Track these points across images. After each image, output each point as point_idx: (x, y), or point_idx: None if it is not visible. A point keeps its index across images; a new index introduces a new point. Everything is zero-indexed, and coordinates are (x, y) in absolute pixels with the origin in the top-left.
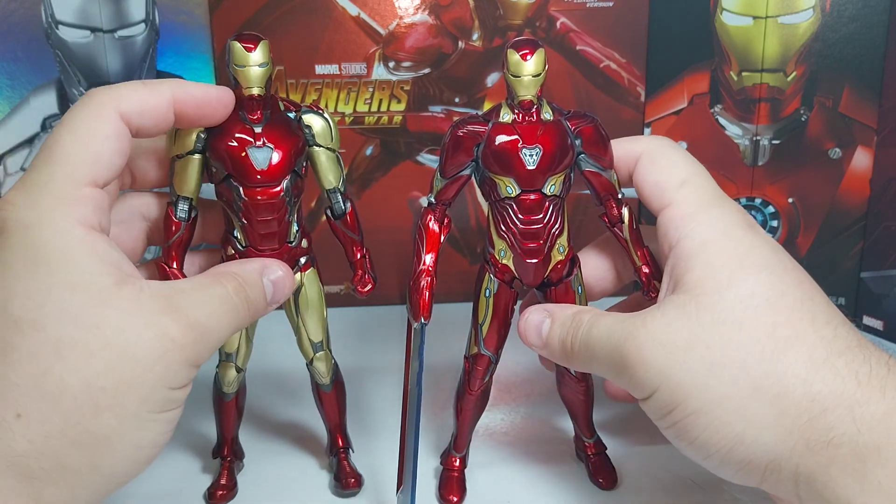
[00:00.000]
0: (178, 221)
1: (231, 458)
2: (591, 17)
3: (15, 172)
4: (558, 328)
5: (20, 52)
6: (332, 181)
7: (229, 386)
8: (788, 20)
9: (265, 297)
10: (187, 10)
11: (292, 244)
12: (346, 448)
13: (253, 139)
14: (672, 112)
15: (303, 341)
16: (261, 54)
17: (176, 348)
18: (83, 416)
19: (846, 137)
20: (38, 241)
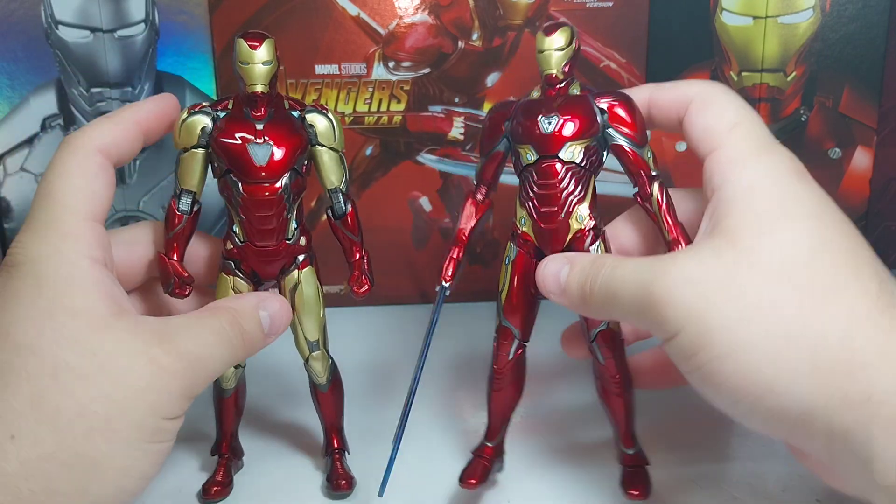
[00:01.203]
0: (180, 214)
1: (229, 455)
2: (591, 17)
3: (15, 172)
4: (577, 273)
5: (20, 52)
6: (333, 181)
7: (227, 381)
8: (788, 20)
9: (262, 328)
10: (187, 9)
11: (290, 241)
12: (341, 449)
13: (254, 135)
14: None
15: (299, 340)
16: (265, 52)
17: (167, 377)
18: (75, 440)
19: (846, 137)
20: (45, 271)
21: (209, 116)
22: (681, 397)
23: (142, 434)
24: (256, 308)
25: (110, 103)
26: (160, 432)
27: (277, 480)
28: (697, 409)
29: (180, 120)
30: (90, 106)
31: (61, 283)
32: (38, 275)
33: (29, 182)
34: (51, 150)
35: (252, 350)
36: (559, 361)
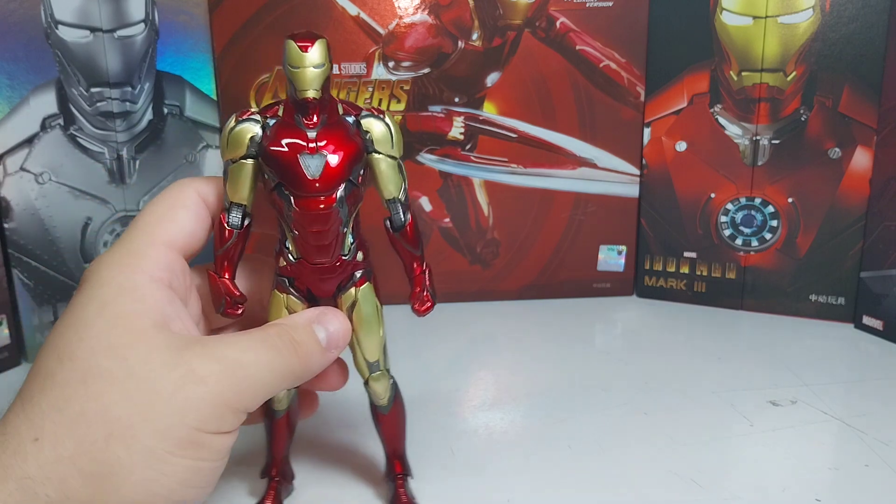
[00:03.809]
0: (230, 229)
1: (279, 478)
2: (590, 16)
3: (15, 172)
4: None
5: (20, 52)
6: (391, 191)
7: (279, 402)
8: (788, 20)
9: (317, 341)
10: (187, 9)
11: (347, 257)
12: (404, 474)
13: (306, 145)
14: (672, 112)
15: (358, 360)
16: (317, 54)
17: (200, 383)
18: (94, 444)
19: (846, 137)
20: (102, 284)
21: (258, 124)
22: (681, 396)
23: (169, 444)
24: (311, 322)
25: (110, 103)
26: (195, 444)
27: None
28: (698, 408)
29: (227, 129)
30: (90, 106)
31: (111, 294)
32: (95, 288)
33: (29, 182)
34: (51, 149)
35: (309, 363)
36: None
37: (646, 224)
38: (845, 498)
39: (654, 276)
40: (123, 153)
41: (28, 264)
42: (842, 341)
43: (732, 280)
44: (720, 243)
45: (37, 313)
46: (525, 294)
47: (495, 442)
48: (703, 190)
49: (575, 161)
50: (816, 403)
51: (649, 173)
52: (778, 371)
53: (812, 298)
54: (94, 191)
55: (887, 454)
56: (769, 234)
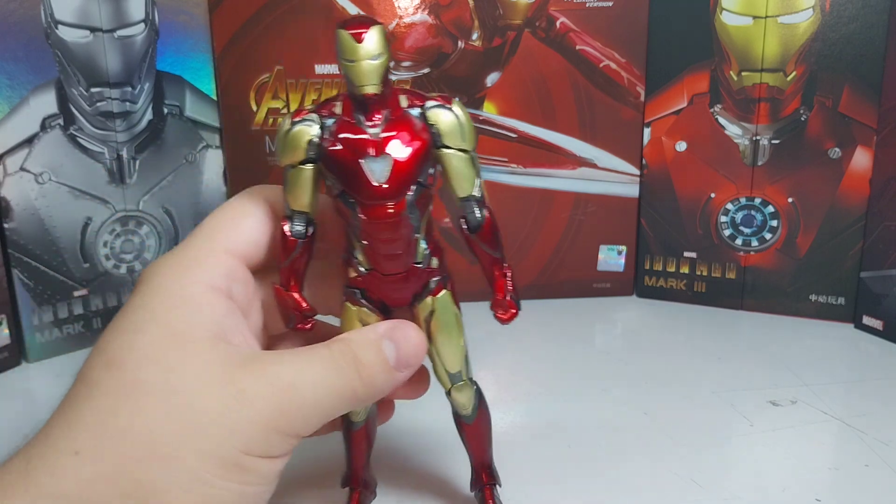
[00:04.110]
0: (293, 239)
1: (360, 488)
2: (590, 16)
3: (14, 172)
4: None
5: (20, 52)
6: (465, 188)
7: (356, 415)
8: (788, 20)
9: (384, 360)
10: (187, 9)
11: (420, 265)
12: (491, 483)
13: (369, 148)
14: (672, 112)
15: (439, 371)
16: (373, 43)
17: (248, 404)
18: (136, 463)
19: (846, 137)
20: (157, 290)
21: (316, 125)
22: (681, 396)
23: (212, 466)
24: (380, 337)
25: (110, 103)
26: (241, 470)
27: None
28: (698, 408)
29: (283, 131)
30: (90, 106)
31: (166, 303)
32: (149, 295)
33: (29, 182)
34: (51, 149)
35: (374, 385)
36: None
37: (646, 224)
38: (845, 498)
39: (654, 276)
40: (123, 153)
41: (28, 264)
42: (842, 341)
43: (732, 280)
44: (720, 243)
45: (37, 313)
46: (525, 294)
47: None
48: (703, 190)
49: (575, 161)
50: (816, 403)
51: (649, 173)
52: (778, 371)
53: (812, 298)
54: (94, 191)
55: (887, 454)
56: (769, 234)
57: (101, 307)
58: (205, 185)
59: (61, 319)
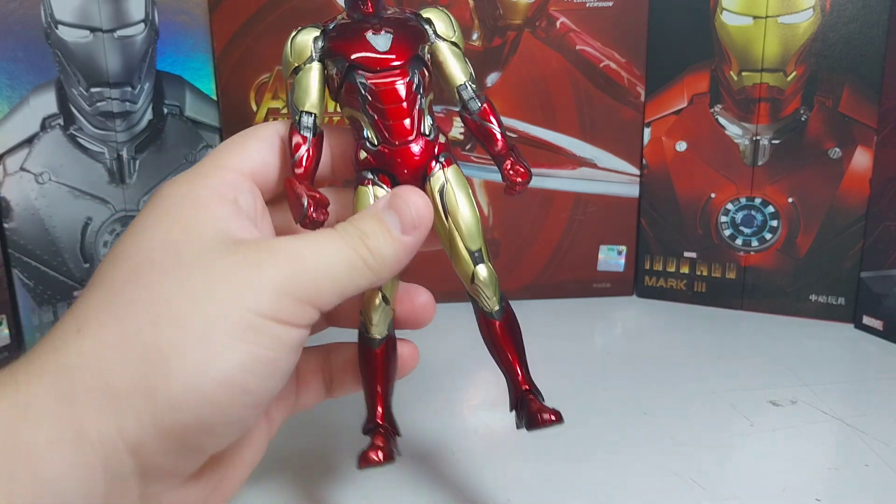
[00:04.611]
0: (303, 136)
1: (386, 426)
2: (591, 16)
3: (14, 172)
4: None
5: (20, 52)
6: (460, 76)
7: (376, 327)
8: (788, 20)
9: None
10: (187, 9)
11: (428, 136)
12: (532, 391)
13: (370, 28)
14: (672, 112)
15: (459, 253)
16: None
17: (256, 268)
18: (142, 328)
19: (846, 137)
20: (165, 196)
21: (318, 29)
22: (681, 396)
23: (224, 326)
24: (379, 205)
25: (110, 103)
26: (254, 330)
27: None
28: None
29: (289, 41)
30: (90, 106)
31: (173, 203)
32: (157, 200)
33: (29, 182)
34: (51, 149)
35: (382, 252)
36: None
37: (646, 224)
38: (845, 498)
39: (654, 276)
40: (123, 153)
41: (28, 264)
42: (842, 341)
43: (732, 280)
44: (720, 243)
45: (37, 313)
46: (525, 294)
47: (495, 442)
48: (703, 190)
49: (575, 161)
50: (816, 403)
51: (649, 173)
52: (778, 371)
53: (812, 298)
54: (94, 191)
55: (887, 454)
56: (769, 234)
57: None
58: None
59: None
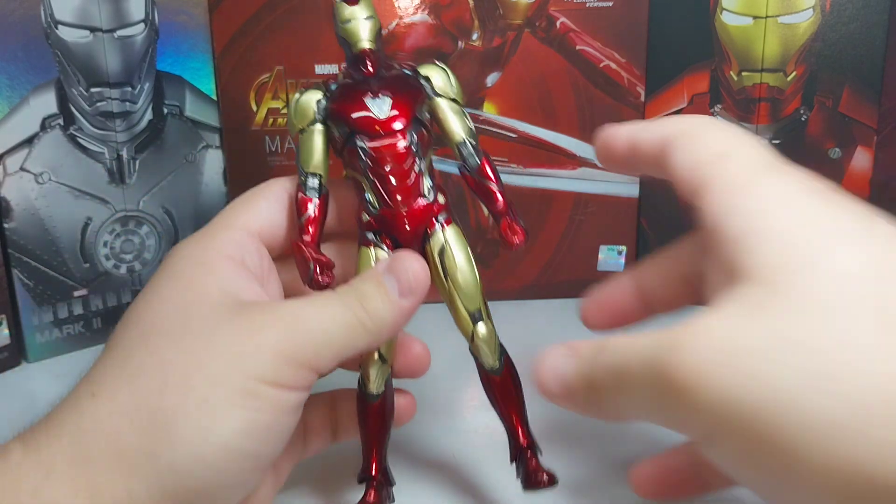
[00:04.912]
0: (308, 198)
1: (380, 480)
2: (591, 17)
3: (14, 172)
4: (582, 365)
5: (20, 52)
6: (459, 132)
7: (373, 382)
8: (788, 20)
9: (386, 291)
10: (187, 9)
11: (428, 198)
12: (531, 447)
13: (369, 90)
14: (672, 112)
15: (459, 312)
16: (365, 7)
17: (256, 333)
18: (149, 394)
19: (846, 137)
20: (176, 261)
21: (320, 90)
22: None
23: (224, 392)
24: (379, 272)
25: (110, 103)
26: (253, 397)
27: None
28: None
29: (293, 101)
30: (90, 106)
31: (182, 267)
32: (169, 263)
33: (29, 182)
34: (51, 149)
35: (379, 315)
36: None
37: (646, 224)
38: None
39: None
40: (123, 153)
41: (28, 264)
42: None
43: None
44: None
45: (37, 313)
46: (525, 294)
47: (495, 442)
48: None
49: (575, 161)
50: None
51: None
52: None
53: None
54: (94, 191)
55: None
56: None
57: (101, 307)
58: (205, 185)
59: (61, 319)
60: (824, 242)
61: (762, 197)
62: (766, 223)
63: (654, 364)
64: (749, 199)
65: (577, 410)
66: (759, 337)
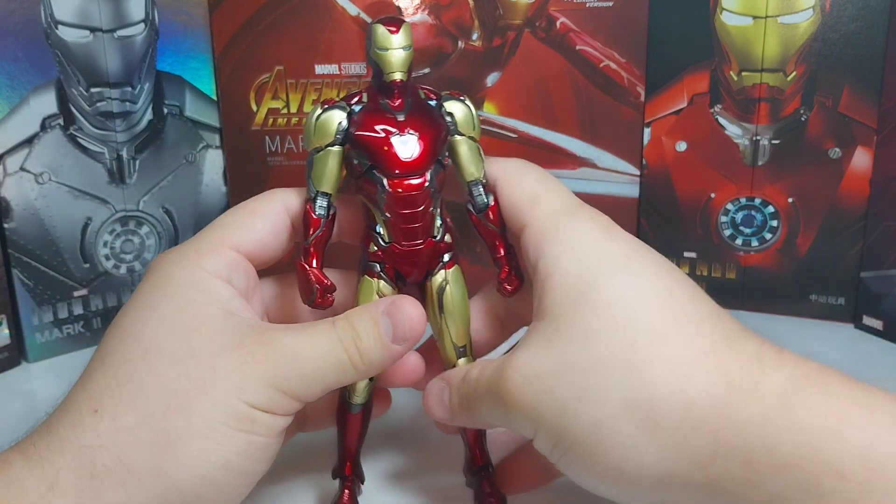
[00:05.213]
0: (317, 218)
1: (353, 478)
2: (591, 16)
3: (14, 172)
4: (455, 392)
5: (20, 52)
6: (473, 172)
7: (358, 395)
8: (788, 20)
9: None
10: (187, 9)
11: (436, 238)
12: (485, 466)
13: (396, 128)
14: (672, 112)
15: (445, 345)
16: (404, 38)
17: (255, 364)
18: (153, 415)
19: (846, 137)
20: (168, 277)
21: (344, 112)
22: None
23: (224, 417)
24: (378, 313)
25: (110, 103)
26: (249, 421)
27: None
28: None
29: (314, 117)
30: (90, 106)
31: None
32: (160, 279)
33: (29, 182)
34: (51, 149)
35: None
36: None
37: (646, 224)
38: None
39: None
40: (123, 153)
41: (28, 264)
42: (842, 341)
43: (732, 280)
44: (720, 243)
45: (37, 313)
46: None
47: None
48: (703, 190)
49: (575, 161)
50: None
51: (649, 173)
52: None
53: (812, 298)
54: (94, 191)
55: None
56: (769, 234)
57: (101, 307)
58: (205, 185)
59: (61, 319)
60: (596, 279)
61: (558, 242)
62: (558, 267)
63: (493, 387)
64: (550, 244)
65: (458, 423)
66: (549, 363)
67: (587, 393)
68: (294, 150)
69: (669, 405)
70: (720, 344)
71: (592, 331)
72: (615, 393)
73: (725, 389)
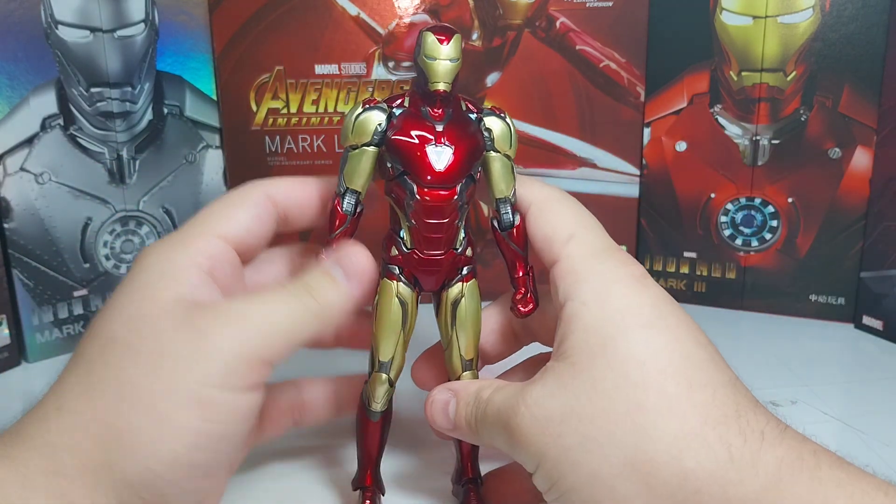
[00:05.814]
0: (343, 214)
1: (374, 489)
2: (590, 16)
3: (14, 172)
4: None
5: (20, 52)
6: (503, 190)
7: (376, 402)
8: (788, 20)
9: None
10: (187, 9)
11: (458, 251)
12: (475, 479)
13: (433, 137)
14: (672, 112)
15: (452, 357)
16: (453, 49)
17: (204, 338)
18: (107, 408)
19: (846, 137)
20: (144, 269)
21: (384, 113)
22: None
23: (174, 403)
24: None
25: (110, 103)
26: (202, 406)
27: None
28: None
29: (354, 115)
30: (90, 106)
31: (148, 276)
32: (136, 272)
33: (29, 182)
34: (51, 149)
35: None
36: None
37: (646, 224)
38: None
39: (654, 276)
40: (123, 153)
41: (28, 264)
42: (842, 341)
43: (732, 280)
44: (720, 243)
45: (37, 313)
46: None
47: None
48: (703, 190)
49: (575, 161)
50: (816, 403)
51: (649, 173)
52: (778, 371)
53: (812, 298)
54: (94, 191)
55: (887, 454)
56: (769, 234)
57: (100, 307)
58: (205, 185)
59: (61, 319)
60: (617, 332)
61: (589, 288)
62: (584, 313)
63: (502, 420)
64: (581, 288)
65: (458, 437)
66: (560, 407)
67: (592, 443)
68: (294, 149)
69: (668, 471)
70: (729, 417)
71: (606, 385)
72: (618, 449)
73: (724, 463)
